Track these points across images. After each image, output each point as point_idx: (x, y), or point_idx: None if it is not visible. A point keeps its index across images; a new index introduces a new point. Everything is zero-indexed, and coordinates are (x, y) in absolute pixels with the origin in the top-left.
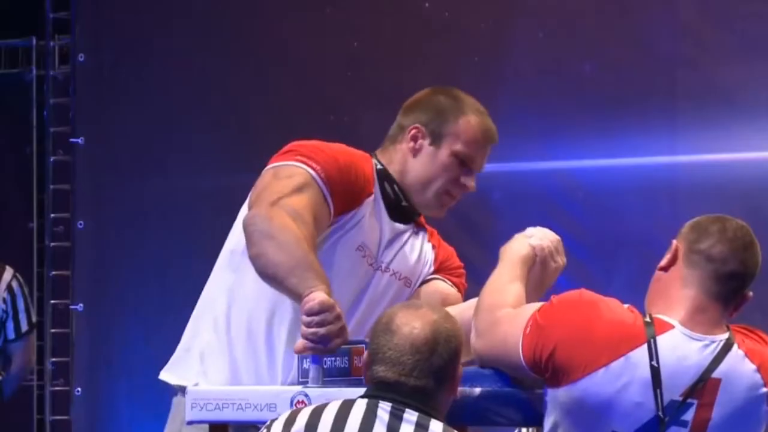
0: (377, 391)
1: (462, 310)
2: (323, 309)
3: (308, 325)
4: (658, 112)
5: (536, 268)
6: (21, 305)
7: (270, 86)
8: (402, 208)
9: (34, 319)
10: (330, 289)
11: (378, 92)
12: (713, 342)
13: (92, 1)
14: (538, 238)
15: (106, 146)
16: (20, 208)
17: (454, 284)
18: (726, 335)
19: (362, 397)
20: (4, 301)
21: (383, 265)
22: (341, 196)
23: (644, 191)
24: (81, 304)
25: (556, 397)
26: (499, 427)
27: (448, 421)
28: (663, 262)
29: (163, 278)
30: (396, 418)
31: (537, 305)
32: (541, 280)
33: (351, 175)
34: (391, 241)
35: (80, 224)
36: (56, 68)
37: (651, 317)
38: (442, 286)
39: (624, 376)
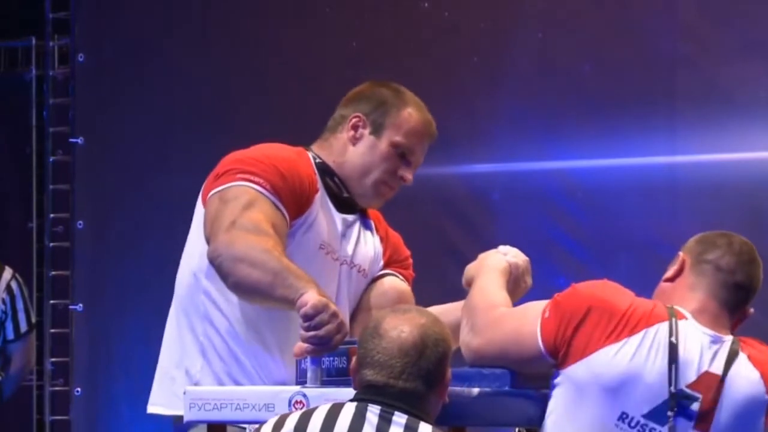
0: (366, 394)
1: (441, 312)
2: (318, 310)
3: (306, 329)
4: (657, 112)
5: (509, 285)
6: (20, 305)
7: (270, 86)
8: (345, 199)
9: (33, 319)
10: (317, 285)
11: None
12: (722, 340)
13: (92, 1)
14: (512, 256)
15: (106, 146)
16: (20, 208)
17: (405, 278)
18: (731, 338)
19: (351, 400)
20: (4, 301)
21: (348, 260)
22: (292, 201)
23: (644, 191)
24: (80, 304)
25: (570, 376)
26: (498, 427)
27: (447, 421)
28: (669, 273)
29: (163, 278)
30: (385, 421)
31: (543, 302)
32: (511, 293)
33: (296, 179)
34: (344, 234)
35: (80, 224)
36: (56, 68)
37: (670, 306)
38: (396, 283)
39: (643, 350)
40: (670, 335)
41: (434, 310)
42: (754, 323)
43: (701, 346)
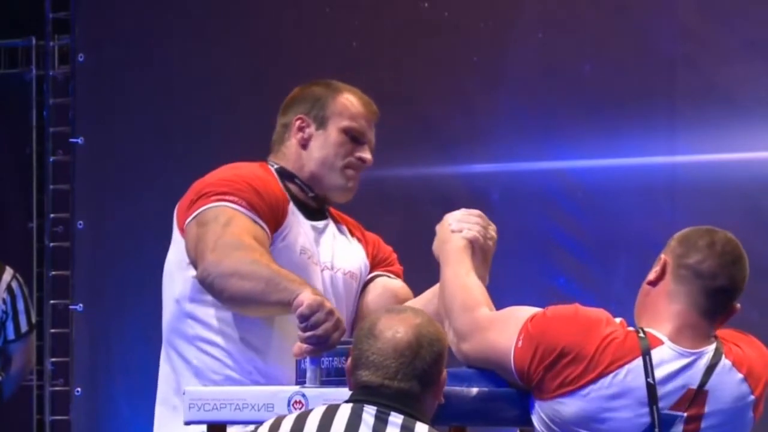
0: (361, 395)
1: (424, 305)
2: (313, 310)
3: (304, 329)
4: (658, 112)
5: (477, 257)
6: (21, 306)
7: (270, 86)
8: (311, 202)
9: (33, 319)
10: (311, 286)
11: (378, 92)
12: (702, 356)
13: (92, 1)
14: (467, 228)
15: (106, 146)
16: (20, 208)
17: (396, 274)
18: (713, 346)
19: (347, 401)
20: (4, 301)
21: (328, 265)
22: (270, 217)
23: (644, 191)
24: (81, 305)
25: (544, 409)
26: (498, 427)
27: (447, 421)
28: (651, 276)
29: (162, 278)
30: (381, 422)
31: (525, 313)
32: (482, 259)
33: (270, 194)
34: (317, 241)
35: (80, 224)
36: (56, 68)
37: (643, 331)
38: (389, 283)
39: (616, 390)
40: (647, 375)
41: (422, 298)
42: (752, 324)
43: (680, 367)
